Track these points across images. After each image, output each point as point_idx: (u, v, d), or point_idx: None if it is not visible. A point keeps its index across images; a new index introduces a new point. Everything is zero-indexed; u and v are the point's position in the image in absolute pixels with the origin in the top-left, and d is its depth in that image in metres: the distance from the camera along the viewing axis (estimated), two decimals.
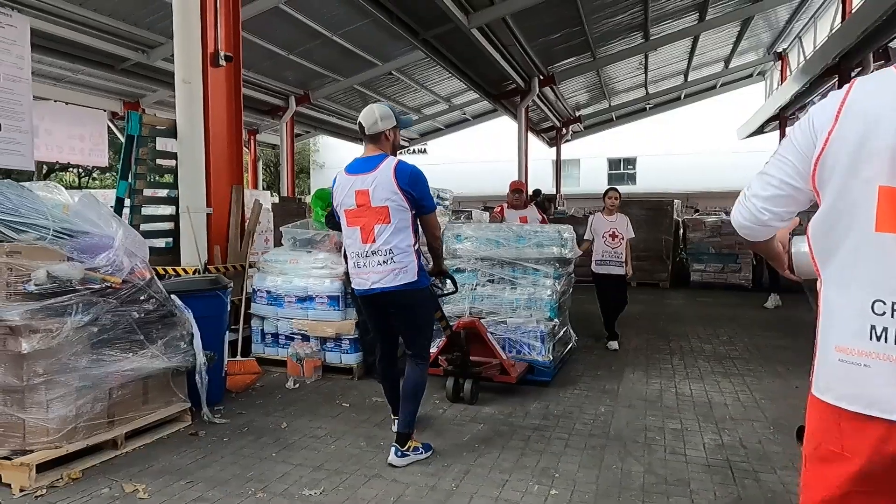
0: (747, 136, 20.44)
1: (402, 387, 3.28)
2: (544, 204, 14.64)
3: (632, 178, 28.74)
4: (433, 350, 4.10)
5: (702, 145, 26.25)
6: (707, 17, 13.68)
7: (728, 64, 18.92)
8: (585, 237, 5.94)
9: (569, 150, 24.43)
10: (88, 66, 12.16)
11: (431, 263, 3.54)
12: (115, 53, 11.60)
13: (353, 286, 3.34)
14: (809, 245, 1.33)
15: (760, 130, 19.28)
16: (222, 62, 5.09)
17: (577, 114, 21.99)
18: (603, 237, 5.89)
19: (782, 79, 17.46)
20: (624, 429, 3.73)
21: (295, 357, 4.69)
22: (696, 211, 18.16)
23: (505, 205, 6.89)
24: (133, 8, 10.12)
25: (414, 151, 25.53)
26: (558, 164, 22.71)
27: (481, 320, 4.58)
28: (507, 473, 3.06)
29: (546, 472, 3.09)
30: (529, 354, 4.60)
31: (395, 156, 3.23)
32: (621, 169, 29.52)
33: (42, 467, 2.85)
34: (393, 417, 3.53)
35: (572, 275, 5.40)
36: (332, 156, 29.93)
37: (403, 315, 3.24)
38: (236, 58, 5.27)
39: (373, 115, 3.15)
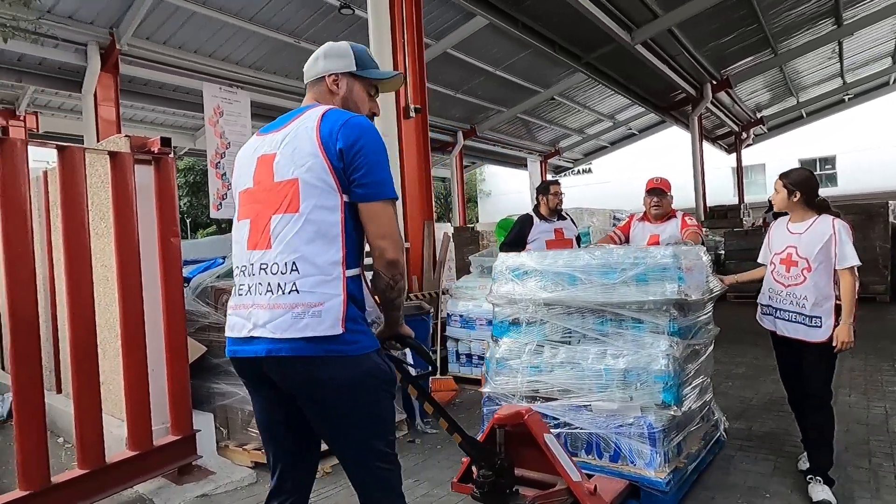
0: None
1: None
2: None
3: (831, 180, 25.52)
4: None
5: None
6: None
7: None
8: (760, 259, 3.32)
9: (751, 154, 22.55)
10: None
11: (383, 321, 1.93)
12: None
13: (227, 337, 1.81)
14: None
15: None
16: (412, 114, 5.79)
17: (759, 115, 20.31)
18: (772, 263, 3.16)
19: None
20: (843, 453, 3.47)
21: None
22: None
23: (636, 215, 4.47)
24: None
25: (578, 172, 25.38)
26: (739, 171, 21.07)
27: (546, 403, 2.97)
28: (713, 490, 3.06)
29: (755, 491, 3.03)
30: (631, 465, 2.80)
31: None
32: (818, 170, 26.33)
33: None
34: None
35: (710, 324, 3.37)
36: (498, 183, 30.89)
37: (320, 413, 1.73)
38: (423, 108, 5.95)
39: (316, 53, 1.93)
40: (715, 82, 15.18)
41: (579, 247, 5.05)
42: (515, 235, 5.01)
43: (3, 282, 2.82)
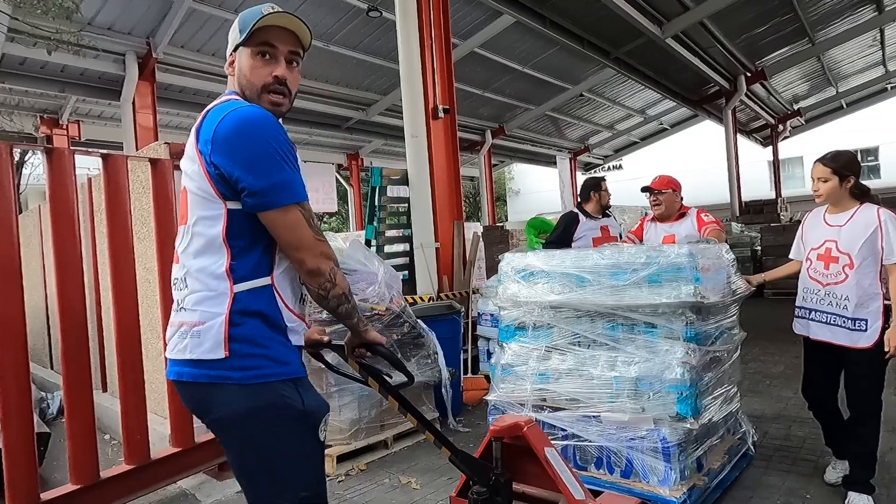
0: None
1: None
2: None
3: (874, 171, 24.59)
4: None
5: None
6: None
7: None
8: (791, 254, 3.07)
9: (788, 147, 21.93)
10: (322, 129, 14.45)
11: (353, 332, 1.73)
12: (341, 115, 13.65)
13: None
14: None
15: None
16: (441, 115, 5.82)
17: (796, 107, 19.76)
18: (808, 260, 2.88)
19: None
20: (888, 454, 3.38)
21: None
22: None
23: (648, 216, 4.22)
24: (354, 74, 11.85)
25: (608, 168, 25.05)
26: (776, 164, 20.53)
27: (554, 413, 2.81)
28: (751, 490, 3.01)
29: (794, 492, 2.97)
30: (644, 482, 2.62)
31: (264, 100, 1.56)
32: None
33: (338, 459, 3.59)
34: None
35: (735, 329, 3.08)
36: (527, 182, 30.70)
37: (226, 448, 1.55)
38: (452, 109, 5.97)
39: None
40: (749, 74, 14.82)
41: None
42: (560, 234, 4.80)
43: (53, 286, 2.96)
